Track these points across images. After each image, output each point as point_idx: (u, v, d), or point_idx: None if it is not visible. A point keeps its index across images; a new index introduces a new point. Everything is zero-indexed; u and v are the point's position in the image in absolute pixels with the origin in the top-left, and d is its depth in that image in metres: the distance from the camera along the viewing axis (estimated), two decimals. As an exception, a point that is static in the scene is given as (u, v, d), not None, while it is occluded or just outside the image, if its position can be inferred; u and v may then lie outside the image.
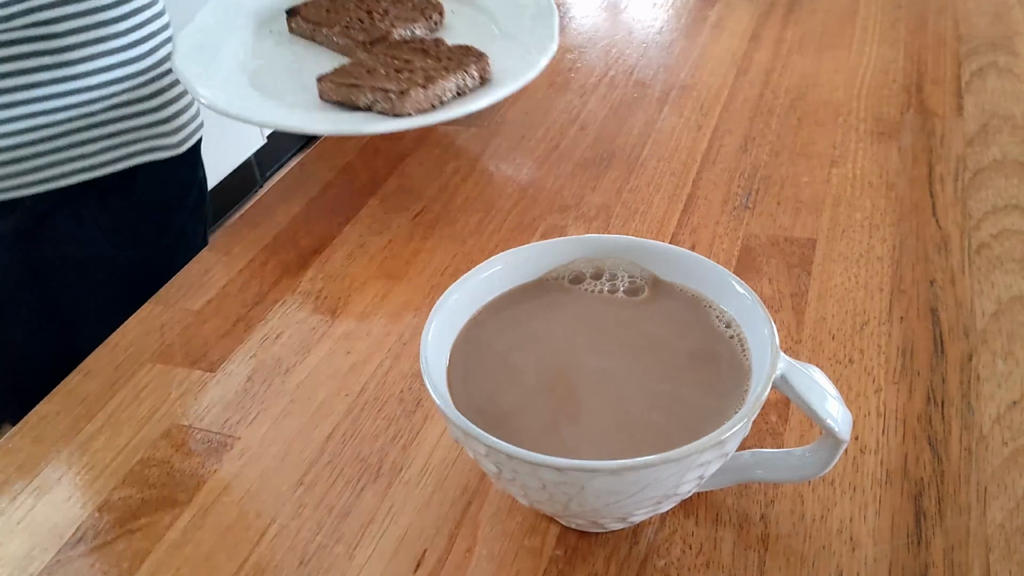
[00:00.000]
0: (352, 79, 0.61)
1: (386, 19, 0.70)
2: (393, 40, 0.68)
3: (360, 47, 0.68)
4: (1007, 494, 0.39)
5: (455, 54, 0.64)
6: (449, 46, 0.65)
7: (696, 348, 0.37)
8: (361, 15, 0.71)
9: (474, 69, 0.62)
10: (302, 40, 0.72)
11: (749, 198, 0.59)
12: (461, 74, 0.61)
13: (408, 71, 0.62)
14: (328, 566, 0.39)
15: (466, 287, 0.39)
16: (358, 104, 0.60)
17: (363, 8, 0.72)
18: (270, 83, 0.66)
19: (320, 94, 0.62)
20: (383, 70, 0.62)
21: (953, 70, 0.73)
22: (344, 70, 0.63)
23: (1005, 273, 0.51)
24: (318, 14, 0.71)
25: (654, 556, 0.38)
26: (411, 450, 0.44)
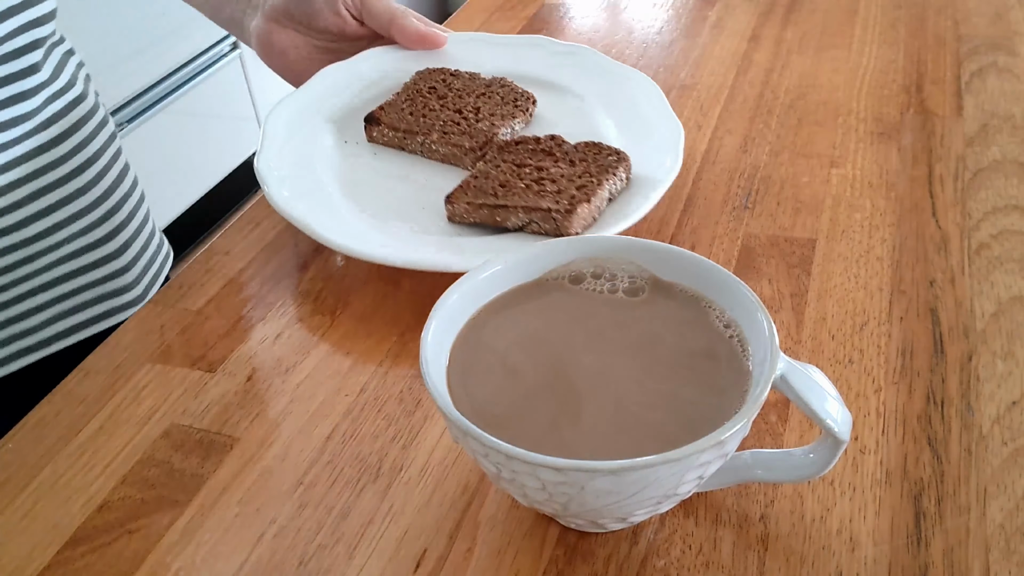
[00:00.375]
0: (492, 198, 0.53)
1: (482, 117, 0.62)
2: (500, 142, 0.59)
3: (468, 154, 0.59)
4: (1007, 494, 0.39)
5: (587, 154, 0.56)
6: (572, 144, 0.58)
7: (696, 348, 0.37)
8: (451, 115, 0.62)
9: (621, 170, 0.55)
10: (386, 150, 0.63)
11: (749, 198, 0.59)
12: (612, 179, 0.54)
13: (550, 180, 0.54)
14: (328, 566, 0.39)
15: (466, 287, 0.39)
16: (506, 226, 0.53)
17: (450, 107, 0.63)
18: (382, 208, 0.57)
19: (450, 217, 0.54)
20: (521, 183, 0.54)
21: (953, 70, 0.73)
22: (474, 188, 0.54)
23: (1005, 273, 0.51)
24: (402, 119, 0.62)
25: (654, 556, 0.38)
26: (411, 450, 0.44)
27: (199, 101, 1.68)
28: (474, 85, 0.65)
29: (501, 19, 0.89)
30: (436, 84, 0.65)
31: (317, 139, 0.62)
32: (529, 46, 0.71)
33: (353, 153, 0.62)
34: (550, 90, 0.66)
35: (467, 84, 0.65)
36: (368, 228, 0.54)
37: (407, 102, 0.63)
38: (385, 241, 0.52)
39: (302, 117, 0.63)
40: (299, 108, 0.63)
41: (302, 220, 0.53)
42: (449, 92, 0.64)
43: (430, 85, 0.65)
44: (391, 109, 0.63)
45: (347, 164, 0.61)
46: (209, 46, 1.70)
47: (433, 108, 0.63)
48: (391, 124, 0.62)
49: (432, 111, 0.62)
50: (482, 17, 0.89)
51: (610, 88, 0.66)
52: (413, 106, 0.63)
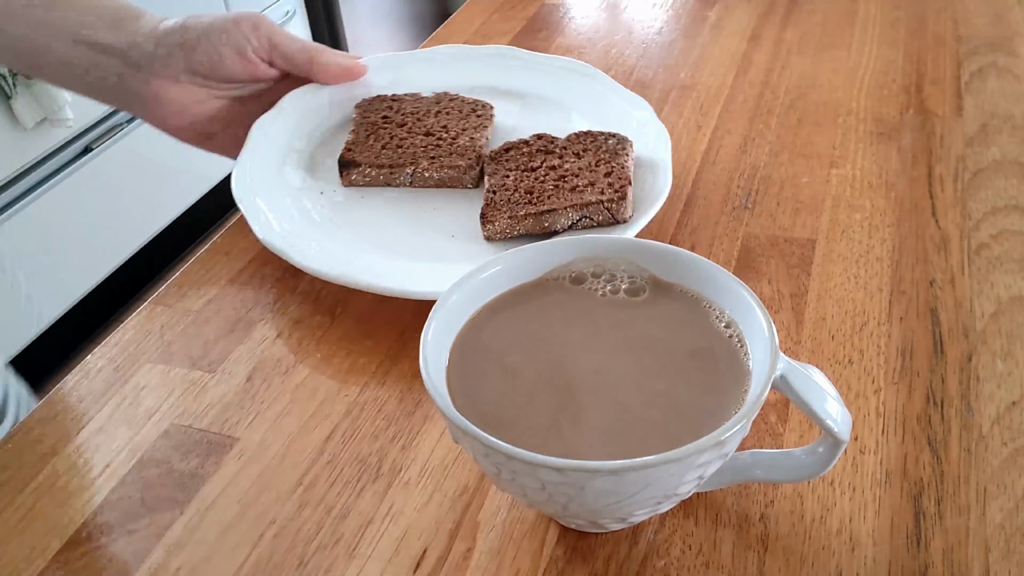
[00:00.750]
0: (533, 206, 0.52)
1: (457, 134, 0.60)
2: (491, 153, 0.58)
3: (467, 173, 0.58)
4: (1006, 494, 0.39)
5: (587, 144, 0.57)
6: (564, 139, 0.58)
7: (695, 348, 0.37)
8: (426, 140, 0.60)
9: (629, 149, 0.56)
10: (369, 190, 0.59)
11: (749, 198, 0.59)
12: (628, 159, 0.55)
13: (572, 175, 0.54)
14: (328, 566, 0.39)
15: (466, 287, 0.39)
16: (555, 229, 0.52)
17: (418, 131, 0.61)
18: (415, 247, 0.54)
19: (489, 236, 0.53)
20: (547, 185, 0.54)
21: (953, 70, 0.73)
22: (504, 202, 0.53)
23: (1005, 273, 0.51)
24: (380, 155, 0.59)
25: (654, 556, 0.38)
26: (411, 450, 0.44)
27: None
28: (424, 105, 0.63)
29: (500, 19, 0.89)
30: (385, 113, 0.63)
31: (296, 202, 0.58)
32: (446, 57, 0.70)
33: (339, 203, 0.58)
34: (490, 95, 0.65)
35: (416, 106, 0.63)
36: (428, 271, 0.51)
37: (370, 137, 0.60)
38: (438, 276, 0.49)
39: (268, 186, 0.58)
40: (258, 177, 0.58)
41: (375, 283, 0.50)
42: (404, 118, 0.62)
43: (380, 115, 0.62)
44: (360, 148, 0.59)
45: (344, 216, 0.57)
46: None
47: (403, 136, 0.60)
48: (371, 163, 0.58)
49: (404, 140, 0.60)
50: (482, 18, 0.89)
51: (547, 80, 0.67)
52: (380, 139, 0.60)
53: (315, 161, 0.62)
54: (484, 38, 0.85)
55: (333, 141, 0.63)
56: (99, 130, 1.51)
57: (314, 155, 0.63)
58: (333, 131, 0.64)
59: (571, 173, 0.55)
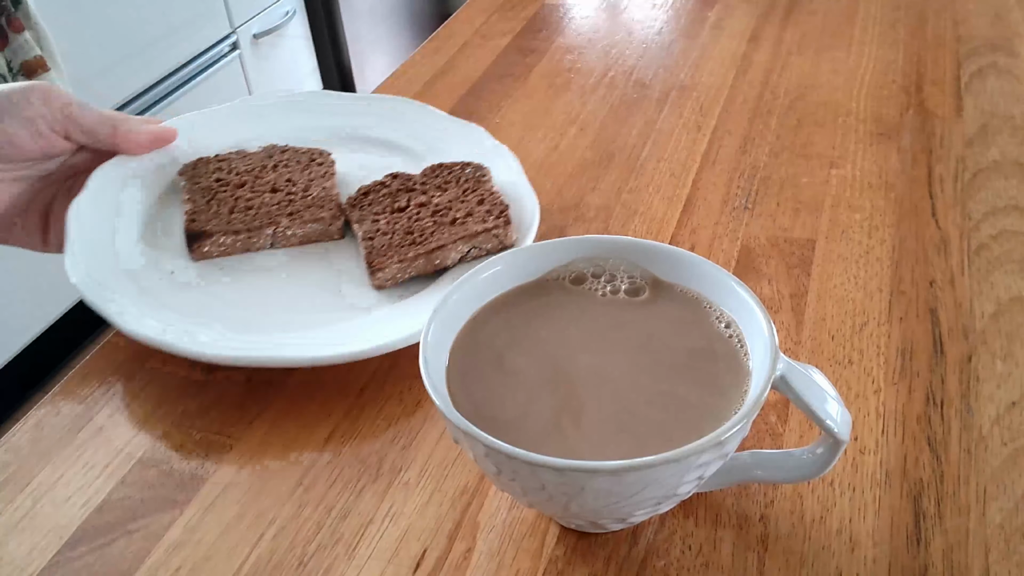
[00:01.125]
0: (420, 247, 0.51)
1: (307, 186, 0.57)
2: (349, 201, 0.56)
3: (332, 224, 0.55)
4: (1006, 495, 0.39)
5: (447, 176, 0.56)
6: (419, 175, 0.56)
7: (696, 349, 0.37)
8: (276, 197, 0.56)
9: (489, 175, 0.56)
10: (225, 260, 0.54)
11: (748, 199, 0.59)
12: (493, 185, 0.55)
13: (446, 209, 0.53)
14: (327, 567, 0.39)
15: (466, 287, 0.39)
16: (446, 265, 0.51)
17: (263, 189, 0.57)
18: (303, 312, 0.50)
19: (380, 284, 0.51)
20: (425, 223, 0.52)
21: (952, 71, 0.73)
22: (387, 247, 0.51)
23: (1004, 274, 0.51)
24: (231, 221, 0.54)
25: (653, 557, 0.38)
26: (410, 451, 0.44)
27: (199, 101, 1.68)
28: (255, 161, 0.59)
29: (500, 19, 0.89)
30: (217, 175, 0.58)
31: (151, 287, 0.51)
32: (257, 107, 0.66)
33: (194, 281, 0.53)
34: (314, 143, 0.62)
35: (248, 163, 0.59)
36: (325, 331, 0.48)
37: (211, 203, 0.56)
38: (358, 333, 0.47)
39: (111, 276, 0.51)
40: (97, 270, 0.51)
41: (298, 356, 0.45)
42: (241, 177, 0.58)
43: (213, 178, 0.57)
44: (205, 216, 0.55)
45: (209, 296, 0.51)
46: (209, 46, 1.70)
47: (248, 197, 0.56)
48: (223, 230, 0.53)
49: (252, 200, 0.56)
50: (482, 18, 0.89)
51: (369, 120, 0.64)
52: (224, 204, 0.55)
53: (150, 239, 0.55)
54: (484, 38, 0.85)
55: (164, 215, 0.57)
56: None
57: (146, 234, 0.55)
58: (159, 204, 0.58)
59: (444, 207, 0.53)
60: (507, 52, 0.82)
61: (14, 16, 1.26)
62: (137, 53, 1.55)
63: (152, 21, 1.57)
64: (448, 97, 0.75)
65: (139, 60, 1.56)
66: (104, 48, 1.49)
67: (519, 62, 0.80)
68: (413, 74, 0.80)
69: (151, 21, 1.57)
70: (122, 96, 1.54)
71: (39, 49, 1.29)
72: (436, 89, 0.77)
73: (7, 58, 1.27)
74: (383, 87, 0.78)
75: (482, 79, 0.78)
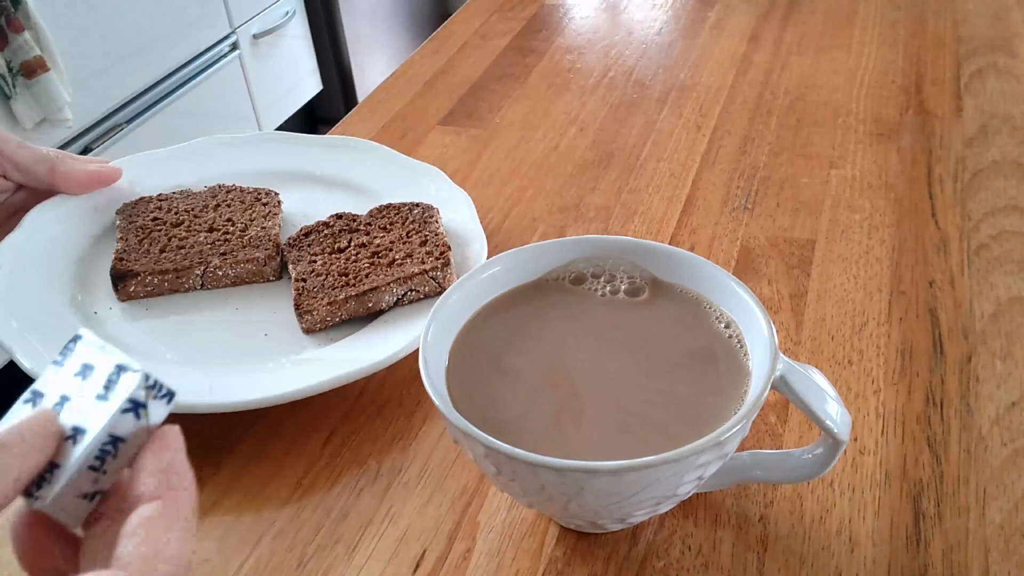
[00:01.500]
0: (352, 288, 0.49)
1: (246, 225, 0.55)
2: (289, 241, 0.53)
3: (267, 264, 0.53)
4: (1006, 495, 0.39)
5: (392, 217, 0.54)
6: (364, 215, 0.54)
7: (695, 349, 0.37)
8: (211, 236, 0.54)
9: (438, 216, 0.53)
10: (152, 301, 0.52)
11: (748, 199, 0.59)
12: (438, 226, 0.52)
13: (386, 250, 0.51)
14: (327, 567, 0.39)
15: (465, 288, 0.39)
16: (380, 308, 0.49)
17: (200, 228, 0.55)
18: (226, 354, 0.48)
19: (308, 328, 0.48)
20: (362, 264, 0.50)
21: (952, 71, 0.73)
22: (319, 289, 0.49)
23: (1004, 274, 0.51)
24: (160, 261, 0.52)
25: (653, 557, 0.38)
26: (410, 451, 0.44)
27: (198, 101, 1.68)
28: (199, 200, 0.57)
29: (500, 20, 0.89)
30: (155, 214, 0.56)
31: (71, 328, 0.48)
32: (204, 148, 0.63)
33: (122, 321, 0.51)
34: (266, 182, 0.60)
35: (190, 203, 0.57)
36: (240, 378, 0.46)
37: (143, 242, 0.53)
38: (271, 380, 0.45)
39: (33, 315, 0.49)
40: (22, 308, 0.49)
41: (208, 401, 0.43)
42: (179, 216, 0.56)
43: (150, 217, 0.55)
44: (133, 256, 0.52)
45: (136, 334, 0.50)
46: (208, 46, 1.70)
47: (182, 236, 0.54)
48: (150, 270, 0.51)
49: (185, 239, 0.54)
50: (481, 18, 0.89)
51: (326, 161, 0.62)
52: (156, 243, 0.53)
53: (80, 279, 0.53)
54: (484, 38, 0.85)
55: (98, 255, 0.55)
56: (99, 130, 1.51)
57: (78, 273, 0.53)
58: (94, 244, 0.56)
59: (384, 248, 0.51)
60: (507, 52, 0.82)
61: (14, 16, 1.26)
62: (137, 53, 1.55)
63: (152, 21, 1.57)
64: (448, 97, 0.75)
65: (139, 60, 1.56)
66: (104, 48, 1.49)
67: (519, 62, 0.80)
68: (413, 74, 0.80)
69: (151, 21, 1.57)
70: (121, 96, 1.54)
71: (39, 49, 1.29)
72: (435, 89, 0.77)
73: (7, 58, 1.27)
74: (383, 87, 0.78)
75: (482, 79, 0.78)
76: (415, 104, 0.75)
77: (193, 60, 1.68)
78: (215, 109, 1.75)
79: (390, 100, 0.76)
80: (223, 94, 1.75)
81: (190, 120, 1.68)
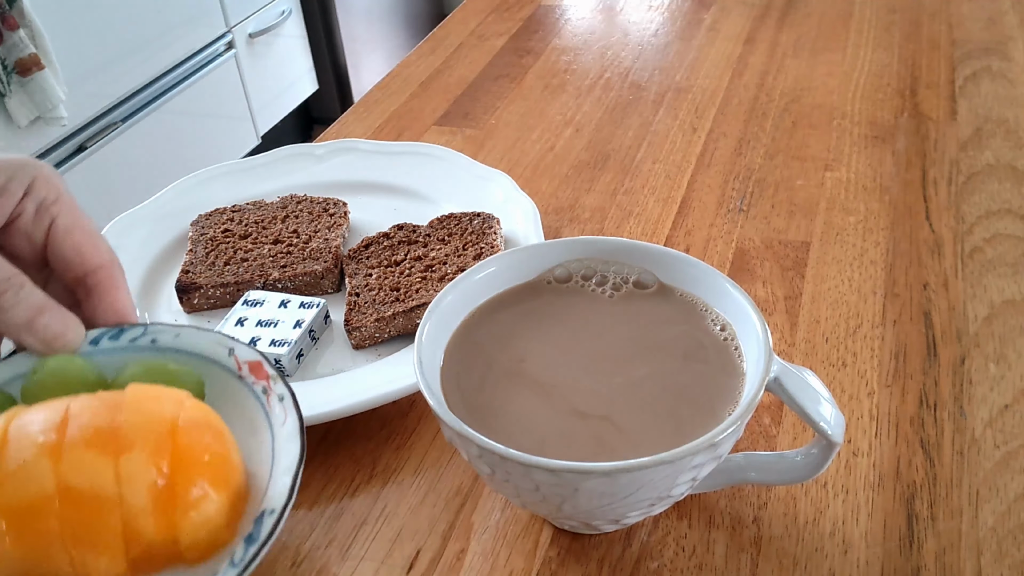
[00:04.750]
0: (401, 304, 0.48)
1: (310, 237, 0.55)
2: (348, 253, 0.53)
3: (325, 277, 0.52)
4: (999, 497, 0.39)
5: (451, 228, 0.53)
6: (425, 226, 0.54)
7: (690, 350, 0.37)
8: (275, 248, 0.54)
9: (496, 227, 0.53)
10: (214, 313, 0.52)
11: (743, 201, 0.59)
12: (496, 238, 0.52)
13: (440, 264, 0.51)
14: (321, 567, 0.39)
15: (460, 288, 0.39)
16: None
17: (265, 240, 0.55)
18: None
19: (358, 343, 0.48)
20: (413, 279, 0.50)
21: (947, 74, 0.73)
22: (369, 304, 0.49)
23: (997, 277, 0.51)
24: (222, 273, 0.52)
25: (647, 558, 0.38)
26: (405, 451, 0.44)
27: (194, 100, 1.68)
28: (269, 212, 0.57)
29: (497, 20, 0.89)
30: (226, 226, 0.56)
31: None
32: (285, 157, 0.64)
33: None
34: (342, 192, 0.60)
35: (260, 214, 0.57)
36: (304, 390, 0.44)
37: (210, 254, 0.54)
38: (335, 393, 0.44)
39: None
40: None
41: None
42: (247, 228, 0.56)
43: (221, 229, 0.56)
44: (199, 268, 0.53)
45: None
46: (204, 45, 1.70)
47: (248, 248, 0.54)
48: (213, 283, 0.52)
49: (250, 251, 0.54)
50: (478, 19, 0.89)
51: (399, 169, 0.62)
52: (222, 255, 0.54)
53: (149, 291, 0.54)
54: (480, 39, 0.85)
55: (167, 266, 0.56)
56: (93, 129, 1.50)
57: (146, 285, 0.54)
58: (167, 255, 0.56)
59: (438, 262, 0.51)
60: (503, 53, 0.82)
61: (8, 14, 1.26)
62: (132, 52, 1.55)
63: (147, 19, 1.57)
64: (443, 98, 0.75)
65: (134, 59, 1.55)
66: (99, 46, 1.48)
67: (515, 63, 0.80)
68: (409, 74, 0.80)
69: (146, 19, 1.56)
70: (116, 95, 1.54)
71: (33, 47, 1.29)
72: (431, 90, 0.77)
73: (1, 56, 1.27)
74: (378, 87, 0.78)
75: (478, 80, 0.78)
76: (411, 104, 0.75)
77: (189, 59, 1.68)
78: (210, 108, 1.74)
79: (386, 100, 0.76)
80: (218, 93, 1.75)
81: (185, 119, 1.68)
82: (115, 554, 0.30)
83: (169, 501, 0.31)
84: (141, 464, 0.30)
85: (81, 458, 0.30)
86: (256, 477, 0.34)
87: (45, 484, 0.29)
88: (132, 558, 0.30)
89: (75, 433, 0.30)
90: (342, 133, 0.71)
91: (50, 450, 0.30)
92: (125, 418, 0.31)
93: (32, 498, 0.29)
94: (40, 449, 0.30)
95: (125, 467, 0.30)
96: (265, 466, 0.34)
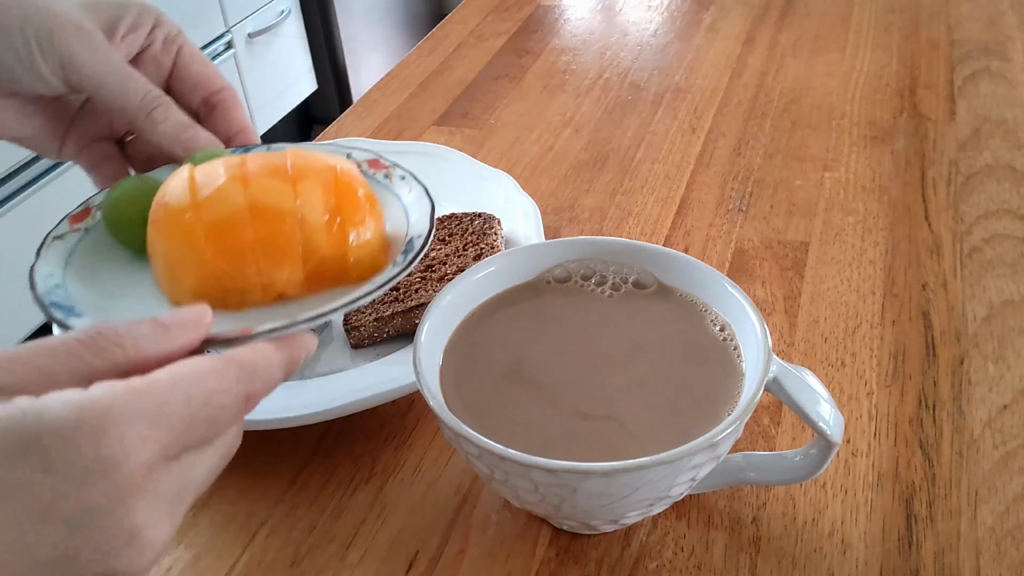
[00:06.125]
0: (400, 304, 0.48)
1: None
2: None
3: None
4: (997, 497, 0.39)
5: (452, 227, 0.53)
6: None
7: (689, 350, 0.37)
8: None
9: (497, 227, 0.52)
10: None
11: (742, 201, 0.59)
12: (496, 238, 0.51)
13: (439, 264, 0.50)
14: (320, 566, 0.39)
15: (460, 288, 0.39)
16: None
17: None
18: None
19: (357, 343, 0.48)
20: (415, 278, 0.49)
21: (946, 75, 0.73)
22: (368, 304, 0.48)
23: (996, 277, 0.51)
24: None
25: (646, 558, 0.38)
26: (404, 451, 0.44)
27: (193, 100, 1.68)
28: None
29: (496, 20, 0.89)
30: None
31: None
32: None
33: None
34: None
35: None
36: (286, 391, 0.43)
37: None
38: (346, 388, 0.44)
39: None
40: None
41: None
42: None
43: None
44: None
45: None
46: (203, 45, 1.70)
47: None
48: None
49: None
50: (477, 19, 0.89)
51: None
52: None
53: None
54: (479, 39, 0.85)
55: None
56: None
57: None
58: None
59: (438, 262, 0.50)
60: (502, 53, 0.82)
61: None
62: (131, 51, 1.55)
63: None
64: (443, 98, 0.75)
65: (133, 58, 1.55)
66: (98, 46, 1.48)
67: (514, 63, 0.80)
68: (408, 74, 0.80)
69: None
70: (116, 94, 1.54)
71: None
72: (431, 90, 0.77)
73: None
74: (378, 87, 0.78)
75: (477, 80, 0.78)
76: (410, 104, 0.75)
77: (188, 59, 1.68)
78: (209, 108, 1.74)
79: (385, 100, 0.76)
80: (218, 93, 1.75)
81: (184, 119, 1.68)
82: (295, 265, 0.34)
83: (339, 223, 0.35)
84: (315, 190, 0.34)
85: (265, 183, 0.34)
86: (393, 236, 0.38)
87: (239, 202, 0.33)
88: (308, 271, 0.34)
89: (255, 168, 0.34)
90: (341, 133, 0.71)
91: (239, 178, 0.34)
92: (293, 162, 0.35)
93: (229, 214, 0.33)
94: (231, 177, 0.34)
95: (303, 190, 0.34)
96: (401, 227, 0.38)
